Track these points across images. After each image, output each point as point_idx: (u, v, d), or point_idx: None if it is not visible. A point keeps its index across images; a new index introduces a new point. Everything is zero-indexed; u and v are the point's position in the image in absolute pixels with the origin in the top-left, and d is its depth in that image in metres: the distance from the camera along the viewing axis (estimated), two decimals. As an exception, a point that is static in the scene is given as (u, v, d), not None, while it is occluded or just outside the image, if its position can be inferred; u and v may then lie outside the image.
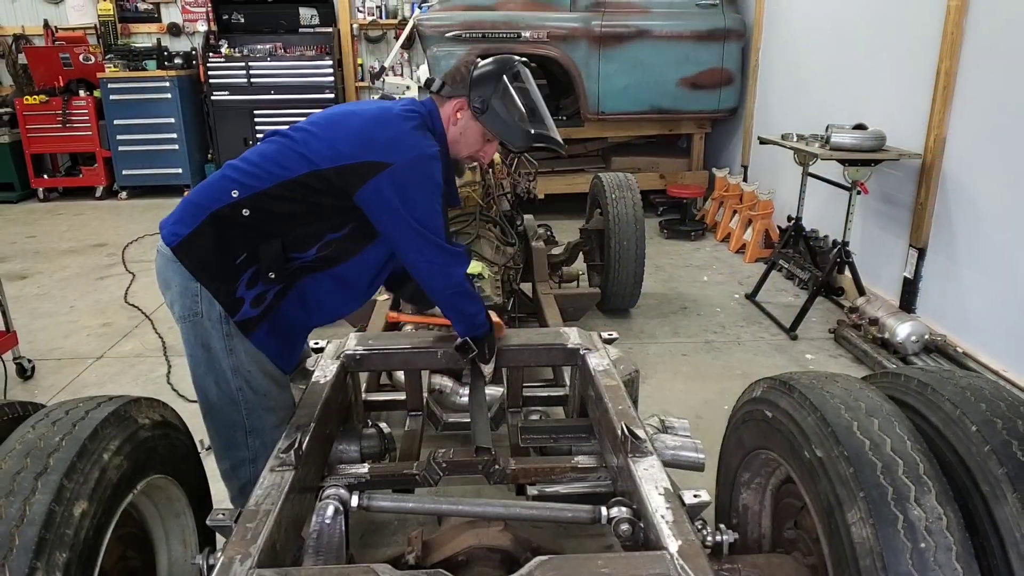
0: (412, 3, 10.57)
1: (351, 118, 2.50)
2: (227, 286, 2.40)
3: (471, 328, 2.74)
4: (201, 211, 2.39)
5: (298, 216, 2.43)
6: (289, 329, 2.60)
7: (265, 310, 2.48)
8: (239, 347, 2.46)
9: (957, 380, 1.93)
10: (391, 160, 2.35)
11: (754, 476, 2.35)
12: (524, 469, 2.59)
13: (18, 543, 1.54)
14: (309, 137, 2.44)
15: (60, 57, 9.93)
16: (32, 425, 1.85)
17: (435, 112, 2.62)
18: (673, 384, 4.59)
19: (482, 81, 2.58)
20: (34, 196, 10.23)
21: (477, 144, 2.69)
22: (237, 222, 2.38)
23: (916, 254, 5.09)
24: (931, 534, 1.55)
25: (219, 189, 2.40)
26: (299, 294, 2.56)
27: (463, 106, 2.60)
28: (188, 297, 2.42)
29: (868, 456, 1.70)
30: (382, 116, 2.49)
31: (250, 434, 2.56)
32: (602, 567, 1.72)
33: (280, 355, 2.61)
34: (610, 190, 5.35)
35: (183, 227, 2.40)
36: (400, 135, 2.42)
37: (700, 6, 8.04)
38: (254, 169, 2.41)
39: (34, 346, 5.20)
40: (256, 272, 2.42)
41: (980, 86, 4.54)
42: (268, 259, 2.42)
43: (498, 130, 2.62)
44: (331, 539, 2.04)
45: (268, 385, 2.57)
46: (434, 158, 2.46)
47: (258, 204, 2.38)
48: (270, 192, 2.38)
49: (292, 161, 2.40)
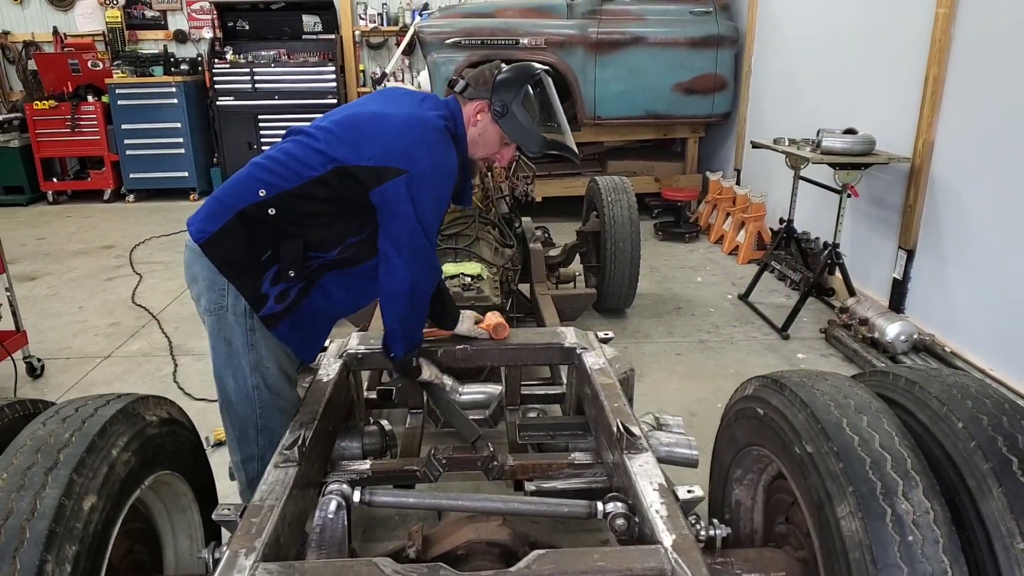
0: (413, 11, 10.59)
1: (377, 121, 2.49)
2: (252, 282, 2.42)
3: (411, 346, 2.71)
4: (228, 209, 2.41)
5: (322, 216, 2.44)
6: (312, 321, 2.62)
7: (289, 305, 2.50)
8: (260, 342, 2.48)
9: (944, 378, 1.94)
10: (409, 168, 2.37)
11: (746, 472, 2.36)
12: (522, 465, 2.60)
13: (29, 536, 1.55)
14: (331, 137, 2.45)
15: (69, 63, 9.92)
16: (43, 422, 1.85)
17: (458, 112, 2.64)
18: (668, 382, 4.60)
19: (504, 86, 2.59)
20: (43, 199, 10.22)
21: (495, 146, 2.69)
22: (263, 220, 2.40)
23: (905, 256, 5.10)
24: (919, 527, 1.56)
25: (247, 188, 2.42)
26: (322, 291, 2.58)
27: (484, 108, 2.61)
28: (215, 291, 2.44)
29: (857, 452, 1.70)
30: (409, 122, 2.48)
31: (261, 432, 2.58)
32: (598, 561, 1.73)
33: (303, 346, 2.65)
34: (606, 193, 5.35)
35: (211, 224, 2.42)
36: (422, 144, 2.42)
37: (694, 13, 8.04)
38: (280, 168, 2.42)
39: (44, 345, 5.20)
40: (280, 270, 2.45)
41: (967, 92, 4.55)
42: (289, 258, 2.44)
43: (516, 134, 2.62)
44: (334, 533, 2.04)
45: (283, 384, 2.59)
46: (451, 170, 2.48)
47: (284, 203, 2.40)
48: (296, 192, 2.40)
49: (316, 160, 2.41)
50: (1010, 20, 4.19)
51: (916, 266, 5.06)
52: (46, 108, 9.75)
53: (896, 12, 5.25)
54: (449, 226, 4.54)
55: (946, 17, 4.62)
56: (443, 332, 3.01)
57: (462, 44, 7.80)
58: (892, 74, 5.31)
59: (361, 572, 1.70)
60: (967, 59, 4.54)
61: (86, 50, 10.20)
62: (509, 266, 4.46)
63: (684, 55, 8.02)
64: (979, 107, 4.45)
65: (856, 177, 5.04)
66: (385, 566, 1.71)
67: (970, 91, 4.53)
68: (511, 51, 7.86)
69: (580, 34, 7.89)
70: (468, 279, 3.78)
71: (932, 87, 4.76)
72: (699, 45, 8.00)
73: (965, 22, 4.55)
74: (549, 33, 7.87)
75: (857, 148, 5.01)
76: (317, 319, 2.64)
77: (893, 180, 5.24)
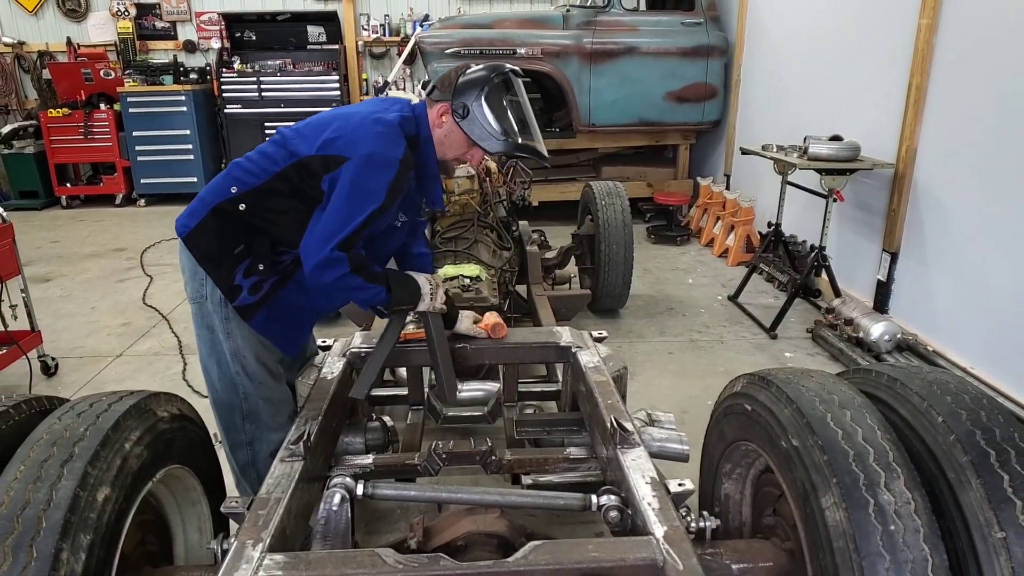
0: (414, 21, 10.60)
1: (336, 117, 2.51)
2: (226, 273, 2.47)
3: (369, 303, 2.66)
4: (206, 205, 2.47)
5: (288, 213, 2.47)
6: (291, 314, 2.62)
7: (263, 297, 2.53)
8: (236, 331, 2.53)
9: (924, 375, 1.95)
10: (350, 155, 2.36)
11: (735, 466, 2.36)
12: (519, 460, 2.60)
13: (45, 525, 1.55)
14: (296, 135, 2.49)
15: (82, 72, 9.92)
16: (58, 417, 1.86)
17: (423, 115, 2.61)
18: (660, 380, 4.60)
19: (466, 87, 2.55)
20: (57, 203, 10.22)
21: (463, 147, 2.64)
22: (235, 215, 2.45)
23: (889, 258, 5.11)
24: (900, 517, 1.57)
25: (222, 186, 2.48)
26: (297, 284, 2.60)
27: (447, 110, 2.57)
28: (196, 281, 2.53)
29: (841, 445, 1.71)
30: (364, 117, 2.46)
31: (247, 418, 2.62)
32: (592, 551, 1.73)
33: (284, 338, 2.66)
34: (600, 198, 5.36)
35: (192, 219, 2.49)
36: (367, 135, 2.40)
37: (685, 24, 8.06)
38: (252, 166, 2.48)
39: (57, 345, 5.20)
40: (251, 263, 2.48)
41: (949, 99, 4.56)
42: (259, 253, 2.49)
43: (476, 135, 2.57)
44: (338, 525, 2.05)
45: (262, 373, 2.61)
46: (390, 161, 2.40)
47: (253, 199, 2.44)
48: (263, 188, 2.44)
49: (281, 156, 2.45)
50: (990, 31, 4.20)
51: (900, 268, 5.07)
52: (60, 116, 9.76)
53: (880, 23, 5.26)
54: (449, 229, 4.54)
55: (929, 28, 4.63)
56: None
57: (461, 54, 7.81)
58: (876, 82, 5.32)
59: (364, 562, 1.71)
60: (949, 68, 4.55)
61: (98, 60, 10.20)
62: (507, 268, 4.47)
63: (675, 64, 8.04)
64: (960, 115, 4.47)
65: (842, 182, 5.05)
66: (387, 556, 1.72)
67: (952, 99, 4.54)
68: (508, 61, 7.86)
69: (575, 44, 7.90)
70: (467, 280, 3.79)
71: (915, 95, 4.77)
72: (690, 55, 8.02)
73: (947, 32, 4.56)
74: (545, 43, 7.88)
75: (843, 154, 5.02)
76: (295, 312, 2.65)
77: (877, 185, 5.25)
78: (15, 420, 1.89)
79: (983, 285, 4.27)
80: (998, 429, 1.70)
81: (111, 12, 10.68)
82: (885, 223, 5.16)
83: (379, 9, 10.80)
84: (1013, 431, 1.70)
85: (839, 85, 5.86)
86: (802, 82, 6.53)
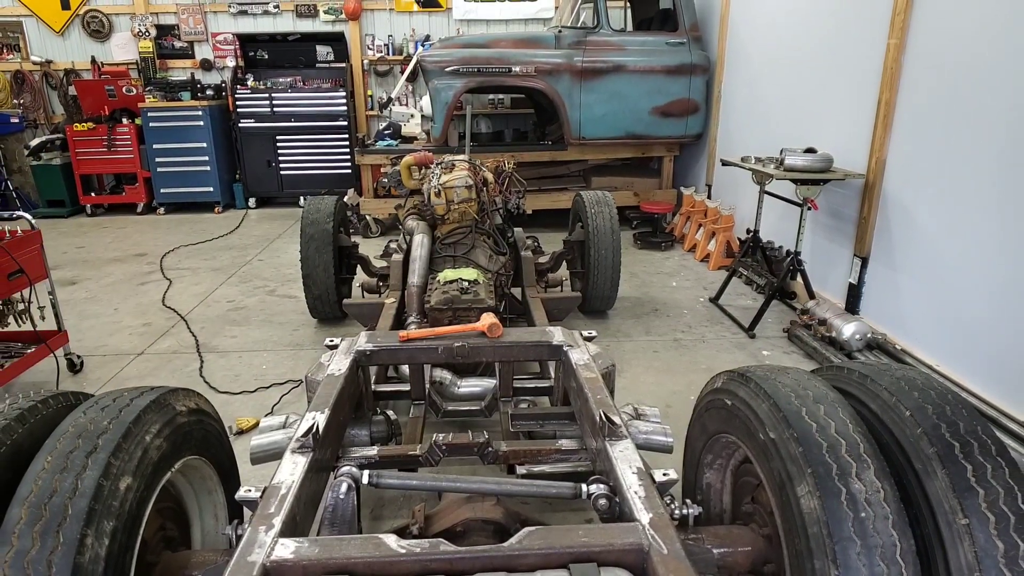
0: (416, 41, 10.60)
1: None
2: None
3: None
4: None
5: None
6: None
7: None
8: None
9: (893, 372, 1.95)
10: None
11: (716, 457, 2.36)
12: (514, 451, 2.60)
13: (71, 512, 1.55)
14: None
15: (106, 89, 9.93)
16: (83, 411, 1.86)
17: None
18: (645, 377, 4.60)
19: None
20: (83, 212, 10.23)
21: None
22: None
23: (860, 262, 5.12)
24: (870, 505, 1.57)
25: None
26: None
27: None
28: None
29: (815, 437, 1.71)
30: None
31: None
32: (582, 536, 1.73)
33: None
34: (590, 206, 5.36)
35: None
36: None
37: (670, 44, 8.07)
38: None
39: (83, 344, 5.19)
40: None
41: (916, 114, 4.57)
42: None
43: None
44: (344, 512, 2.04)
45: None
46: None
47: None
48: None
49: None
50: (954, 50, 4.21)
51: (870, 272, 5.08)
52: (85, 129, 9.77)
53: (852, 43, 5.27)
54: (449, 236, 4.54)
55: (897, 47, 4.64)
56: (442, 331, 3.01)
57: (460, 72, 7.82)
58: (848, 98, 5.33)
59: (369, 547, 1.70)
60: (916, 85, 4.56)
61: (121, 77, 10.20)
62: (503, 272, 4.46)
63: (661, 81, 8.05)
64: (926, 128, 4.47)
65: (816, 192, 5.06)
66: (391, 541, 1.71)
67: (918, 114, 4.55)
68: (504, 78, 7.89)
69: (567, 62, 7.91)
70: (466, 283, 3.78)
71: (884, 110, 4.78)
72: (674, 72, 8.03)
73: (914, 52, 4.57)
74: (538, 62, 7.89)
75: (816, 165, 5.03)
76: None
77: (849, 194, 5.26)
78: (43, 414, 1.88)
79: (947, 287, 4.28)
80: (962, 423, 1.70)
81: (133, 32, 10.69)
82: (856, 230, 5.17)
83: (383, 30, 10.80)
84: (976, 424, 1.70)
85: (813, 101, 5.88)
86: (778, 98, 6.54)
